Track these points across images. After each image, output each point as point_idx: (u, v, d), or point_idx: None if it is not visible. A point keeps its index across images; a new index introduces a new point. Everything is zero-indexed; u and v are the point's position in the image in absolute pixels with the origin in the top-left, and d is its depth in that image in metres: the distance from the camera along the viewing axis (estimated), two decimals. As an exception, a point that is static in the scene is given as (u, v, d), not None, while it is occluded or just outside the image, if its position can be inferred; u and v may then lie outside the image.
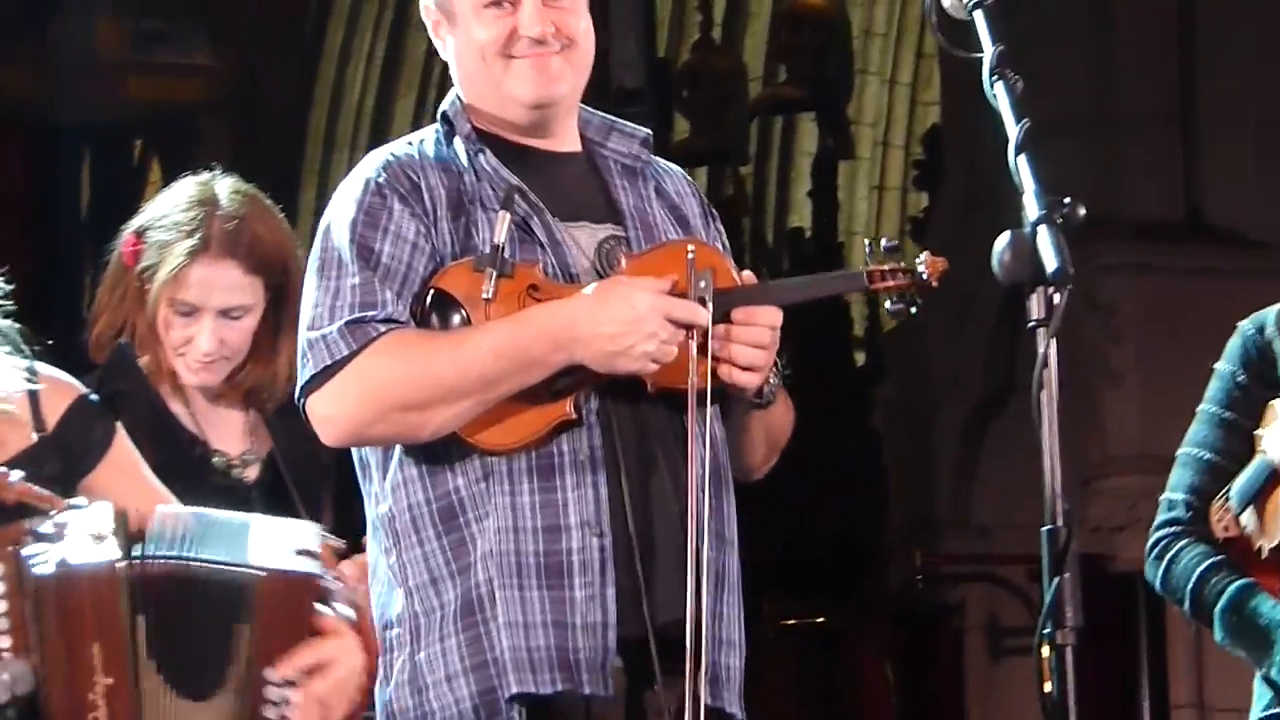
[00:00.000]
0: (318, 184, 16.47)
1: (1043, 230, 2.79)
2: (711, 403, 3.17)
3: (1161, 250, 9.02)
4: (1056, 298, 2.78)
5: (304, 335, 3.22)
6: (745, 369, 3.14)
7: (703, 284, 3.11)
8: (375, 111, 17.00)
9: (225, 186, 3.96)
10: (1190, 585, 3.73)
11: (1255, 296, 7.59)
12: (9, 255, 4.31)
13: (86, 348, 3.98)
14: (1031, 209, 2.80)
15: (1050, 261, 2.76)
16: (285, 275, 3.91)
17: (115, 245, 4.07)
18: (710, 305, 3.12)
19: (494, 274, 3.13)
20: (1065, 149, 8.51)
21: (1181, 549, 3.78)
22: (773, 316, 3.17)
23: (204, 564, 3.06)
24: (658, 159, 3.49)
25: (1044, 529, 2.73)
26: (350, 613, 3.17)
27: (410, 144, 3.32)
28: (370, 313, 3.14)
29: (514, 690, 3.10)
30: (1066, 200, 2.84)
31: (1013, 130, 2.89)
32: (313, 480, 4.01)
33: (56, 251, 12.30)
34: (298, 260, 3.87)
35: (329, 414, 3.17)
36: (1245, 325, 3.87)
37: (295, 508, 3.82)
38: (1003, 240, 2.81)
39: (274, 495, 3.90)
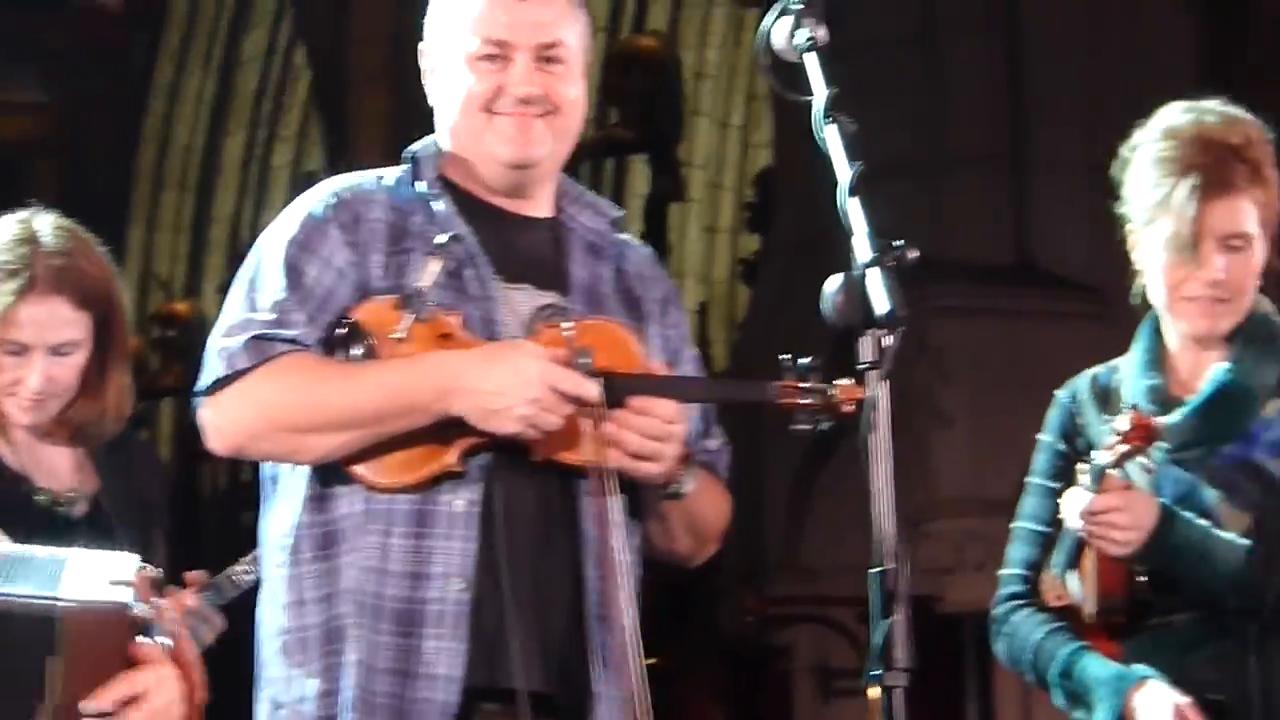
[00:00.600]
0: (145, 221, 16.66)
1: (873, 273, 2.79)
2: (608, 484, 3.21)
3: (993, 293, 9.14)
4: (887, 340, 2.78)
5: (214, 340, 3.26)
6: (638, 457, 3.16)
7: (580, 361, 3.14)
8: (204, 150, 17.00)
9: (46, 223, 3.97)
10: (1029, 655, 3.84)
11: (1085, 339, 7.22)
12: None
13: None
14: (863, 252, 2.80)
15: (881, 304, 2.77)
16: (110, 309, 3.94)
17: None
18: (599, 388, 3.15)
19: (410, 316, 3.18)
20: (897, 192, 8.41)
21: (1020, 621, 3.88)
22: (668, 410, 3.18)
23: (11, 598, 2.98)
24: (630, 239, 3.52)
25: (873, 570, 2.73)
26: (168, 642, 3.07)
27: (372, 178, 3.36)
28: (280, 331, 3.20)
29: None
30: (898, 243, 2.84)
31: (844, 173, 2.89)
32: (141, 517, 4.05)
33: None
34: (120, 295, 3.94)
35: (219, 424, 3.24)
36: (1061, 395, 3.95)
37: (121, 545, 3.63)
38: (834, 283, 2.81)
39: (101, 532, 3.91)
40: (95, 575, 3.03)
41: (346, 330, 3.25)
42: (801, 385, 3.22)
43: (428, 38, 3.42)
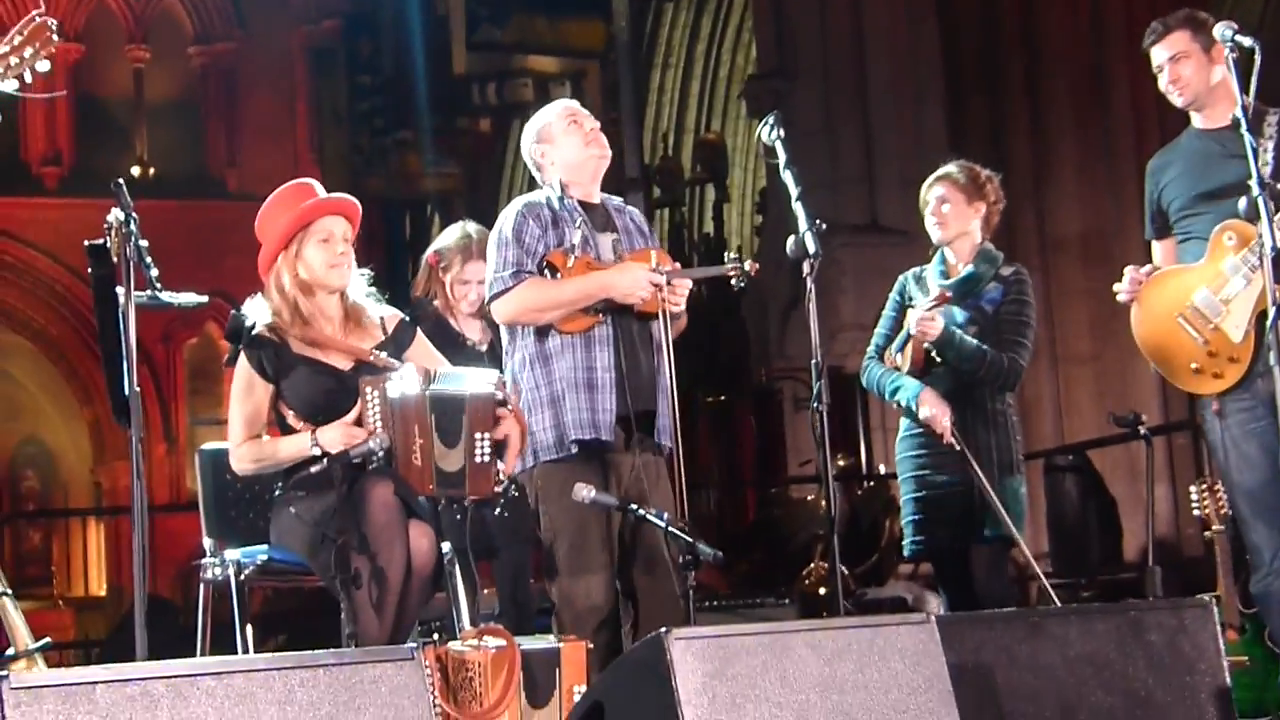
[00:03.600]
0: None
1: (808, 234, 5.02)
2: (666, 319, 5.22)
3: (859, 238, 14.15)
4: (815, 262, 5.04)
5: (492, 274, 5.28)
6: (675, 305, 5.20)
7: (663, 269, 5.16)
8: None
9: (473, 226, 6.38)
10: (877, 381, 6.09)
11: (900, 256, 10.03)
12: None
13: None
14: (803, 223, 5.02)
15: (812, 247, 5.02)
16: None
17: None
18: (665, 278, 5.14)
19: (572, 257, 5.19)
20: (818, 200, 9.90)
21: (874, 366, 6.13)
22: (685, 282, 5.22)
23: (445, 390, 4.90)
24: (630, 208, 5.55)
25: (814, 361, 5.11)
26: (512, 406, 5.03)
27: (541, 195, 5.33)
28: (521, 268, 5.21)
29: (573, 436, 5.19)
30: (820, 221, 5.12)
31: (794, 189, 5.18)
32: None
33: None
34: None
35: (503, 310, 5.26)
36: (900, 277, 6.21)
37: (501, 367, 5.52)
38: (792, 237, 5.07)
39: (494, 361, 5.84)
40: (482, 380, 5.00)
41: (546, 265, 5.22)
42: (733, 265, 5.27)
43: (535, 146, 5.45)
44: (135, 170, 24.90)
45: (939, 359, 5.92)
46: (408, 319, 5.29)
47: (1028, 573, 6.05)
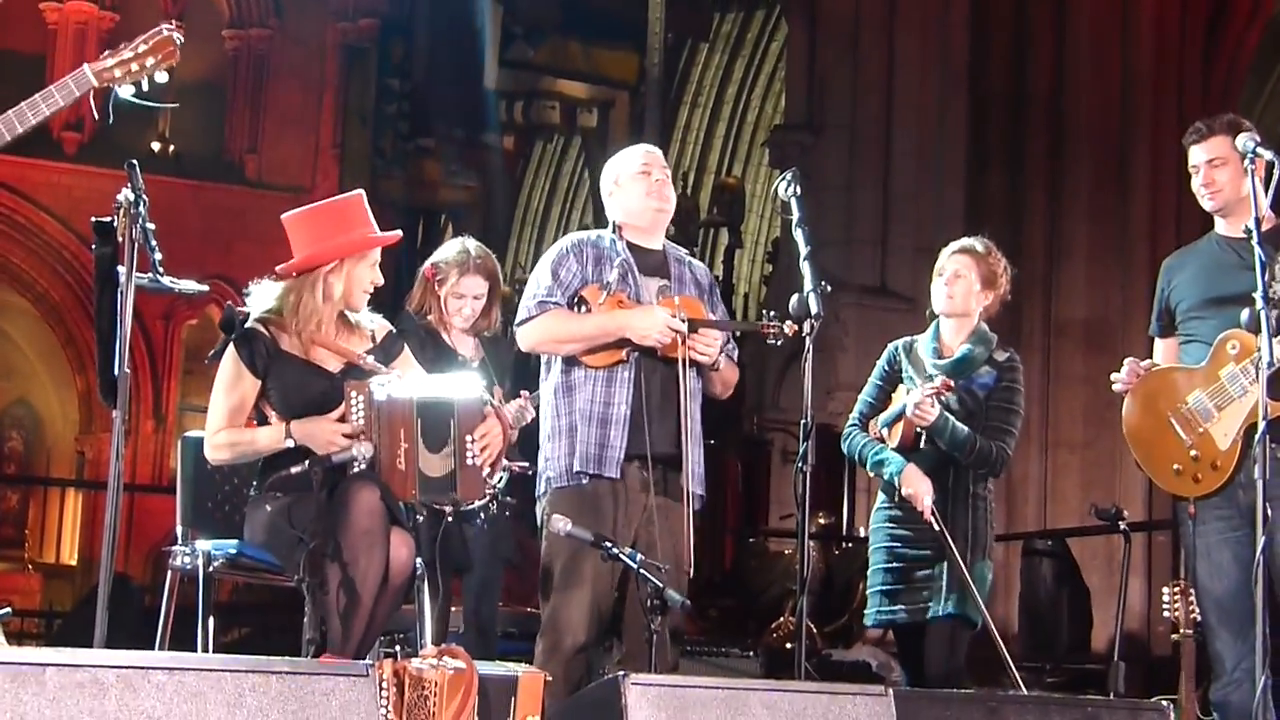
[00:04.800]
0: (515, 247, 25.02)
1: (812, 293, 5.06)
2: (689, 366, 5.30)
3: (868, 299, 14.17)
4: (816, 322, 5.08)
5: (524, 301, 5.41)
6: (701, 354, 5.31)
7: (682, 315, 5.26)
8: (542, 210, 26.17)
9: (472, 242, 6.40)
10: (859, 450, 6.03)
11: (904, 322, 12.24)
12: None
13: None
14: (810, 282, 5.06)
15: (815, 307, 5.04)
16: (496, 280, 6.33)
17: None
18: (685, 324, 5.25)
19: (605, 294, 5.36)
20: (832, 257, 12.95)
21: (856, 435, 6.07)
22: (713, 333, 5.33)
23: (436, 400, 5.01)
24: (694, 260, 5.70)
25: (803, 420, 5.03)
26: (494, 403, 5.16)
27: (594, 233, 5.52)
28: (549, 298, 5.38)
29: (578, 468, 5.33)
30: (825, 283, 5.14)
31: (804, 248, 5.24)
32: (499, 369, 6.29)
33: None
34: (499, 274, 6.35)
35: (525, 338, 5.42)
36: (891, 345, 6.16)
37: (492, 379, 5.90)
38: (795, 296, 5.10)
39: (485, 375, 5.89)
40: (468, 385, 5.17)
41: (577, 300, 5.37)
42: (770, 324, 5.23)
43: (607, 182, 5.58)
44: (155, 146, 24.91)
45: (926, 442, 5.91)
46: (394, 332, 5.35)
47: (994, 654, 5.94)
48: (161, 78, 4.72)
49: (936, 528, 5.74)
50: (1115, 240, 14.65)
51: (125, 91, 4.68)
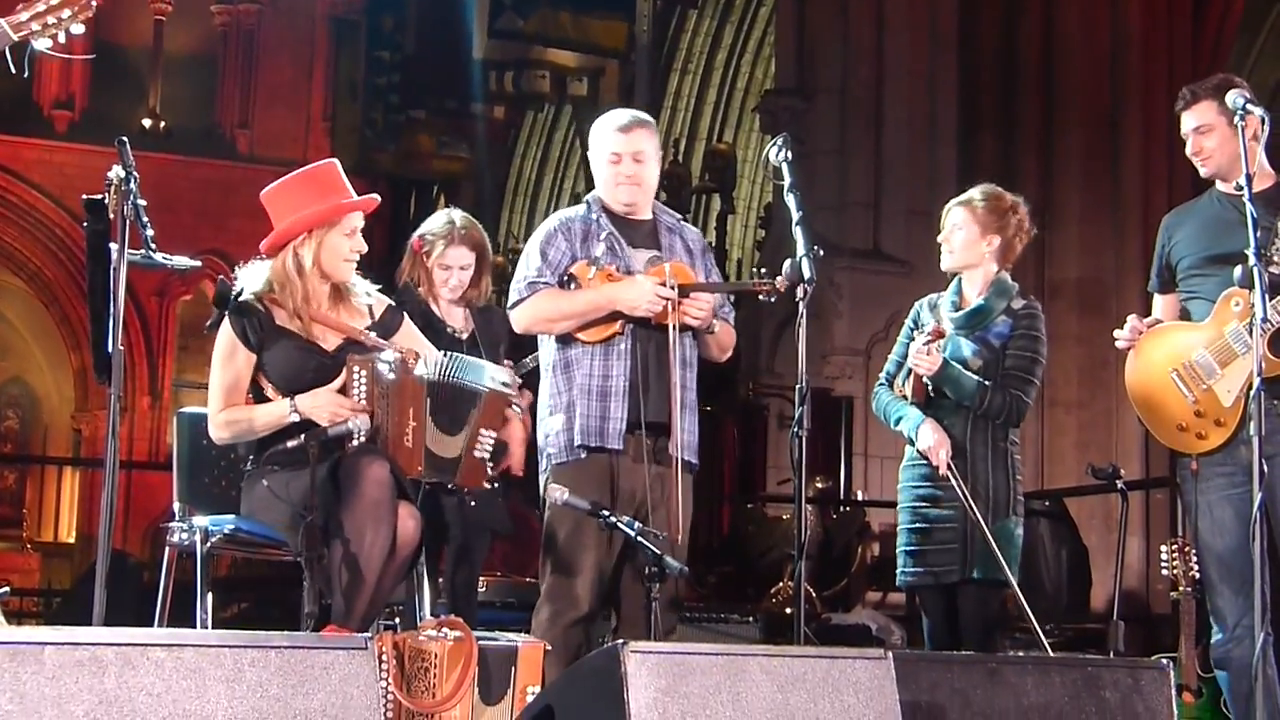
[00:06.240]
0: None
1: (805, 258, 5.01)
2: (681, 330, 5.31)
3: (861, 262, 14.16)
4: (809, 287, 5.02)
5: (514, 284, 5.44)
6: (694, 318, 5.32)
7: (671, 281, 5.26)
8: (534, 180, 26.01)
9: (458, 214, 6.34)
10: (884, 409, 6.09)
11: (898, 286, 12.76)
12: None
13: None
14: (802, 247, 4.99)
15: (808, 272, 4.99)
16: (484, 251, 6.25)
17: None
18: (675, 290, 5.26)
19: (593, 269, 5.37)
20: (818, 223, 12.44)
21: (883, 393, 6.12)
22: (704, 297, 5.32)
23: (464, 381, 5.03)
24: (686, 225, 5.69)
25: (798, 384, 4.96)
26: (520, 409, 5.29)
27: (580, 209, 5.52)
28: (539, 279, 5.41)
29: (579, 442, 5.36)
30: (817, 247, 5.09)
31: (796, 212, 5.16)
32: (491, 345, 6.16)
33: None
34: (488, 245, 6.26)
35: (518, 319, 5.47)
36: (916, 304, 6.15)
37: (482, 356, 5.72)
38: (789, 260, 5.01)
39: (473, 349, 5.93)
40: (496, 376, 5.13)
41: (567, 277, 5.40)
42: (762, 281, 5.23)
43: (591, 144, 5.63)
44: (146, 122, 24.97)
45: (936, 393, 5.89)
46: (393, 305, 5.33)
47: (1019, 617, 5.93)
48: (78, 29, 4.57)
49: (955, 484, 5.70)
50: (1108, 201, 14.63)
51: (41, 45, 4.55)
